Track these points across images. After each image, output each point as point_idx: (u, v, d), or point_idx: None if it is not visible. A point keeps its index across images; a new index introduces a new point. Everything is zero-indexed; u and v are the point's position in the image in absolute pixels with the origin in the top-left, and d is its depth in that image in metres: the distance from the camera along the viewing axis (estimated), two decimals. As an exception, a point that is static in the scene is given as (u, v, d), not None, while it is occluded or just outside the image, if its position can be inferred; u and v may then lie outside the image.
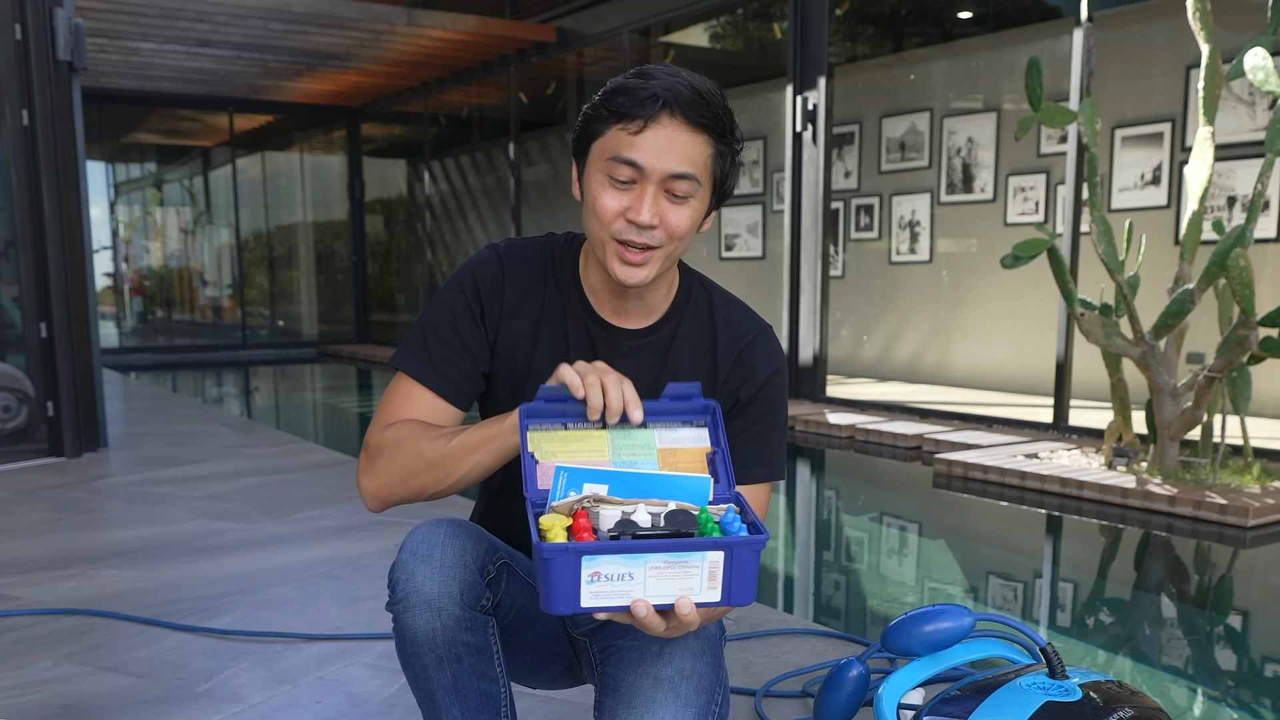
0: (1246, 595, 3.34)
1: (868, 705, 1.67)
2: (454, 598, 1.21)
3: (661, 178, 1.20)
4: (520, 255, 1.37)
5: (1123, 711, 1.13)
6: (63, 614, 2.57)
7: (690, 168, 1.21)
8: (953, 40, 7.87)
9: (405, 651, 1.24)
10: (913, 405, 6.44)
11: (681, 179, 1.20)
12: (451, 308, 1.34)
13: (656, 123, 1.19)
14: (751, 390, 1.34)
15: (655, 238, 1.23)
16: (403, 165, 13.46)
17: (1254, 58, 3.80)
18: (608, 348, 1.35)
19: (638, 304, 1.34)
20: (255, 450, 5.03)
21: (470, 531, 1.28)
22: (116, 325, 12.69)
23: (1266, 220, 5.72)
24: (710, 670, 1.28)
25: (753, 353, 1.35)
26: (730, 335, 1.36)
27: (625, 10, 8.44)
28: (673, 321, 1.36)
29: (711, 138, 1.22)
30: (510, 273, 1.36)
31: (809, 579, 3.41)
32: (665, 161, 1.19)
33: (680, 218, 1.23)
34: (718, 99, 1.22)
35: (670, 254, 1.26)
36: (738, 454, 1.31)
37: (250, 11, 8.33)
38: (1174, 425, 4.23)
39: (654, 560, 1.03)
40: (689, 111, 1.19)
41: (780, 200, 8.19)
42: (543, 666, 1.46)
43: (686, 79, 1.20)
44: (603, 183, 1.23)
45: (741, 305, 1.41)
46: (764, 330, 1.38)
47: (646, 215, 1.20)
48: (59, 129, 4.50)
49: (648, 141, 1.19)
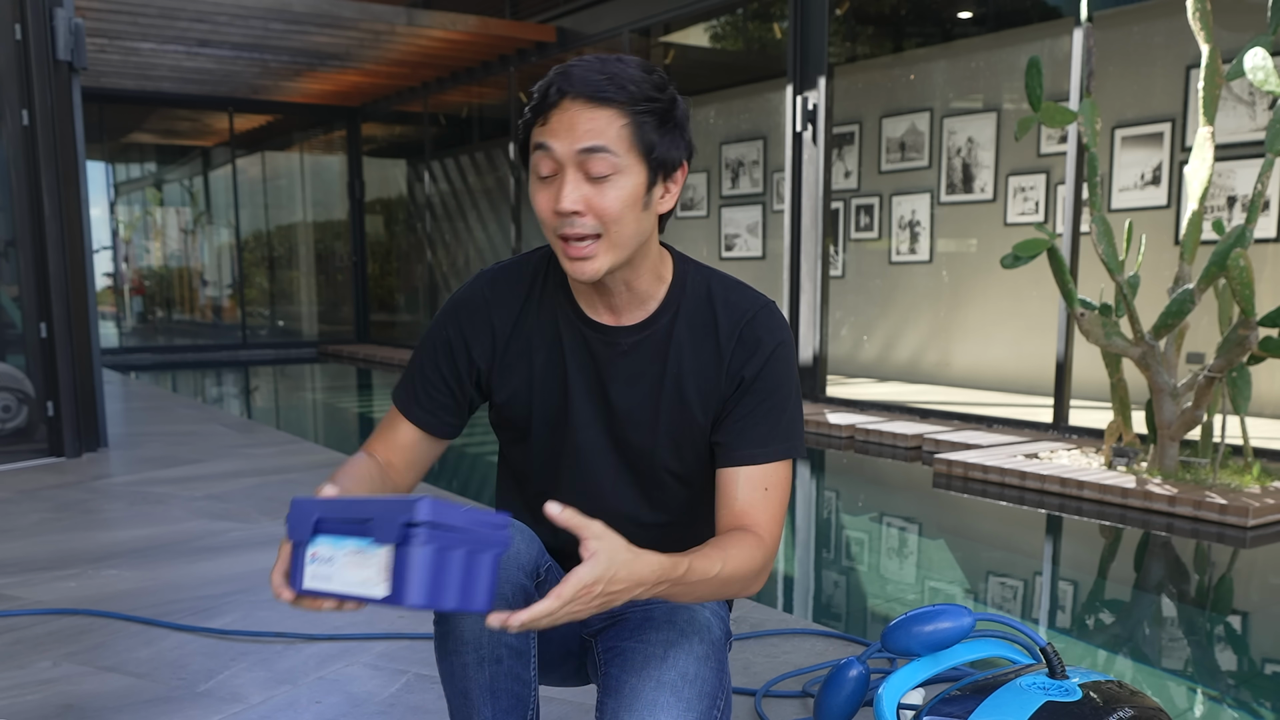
0: (1246, 595, 3.34)
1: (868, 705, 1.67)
2: (505, 600, 1.20)
3: (573, 159, 1.17)
4: (506, 278, 1.37)
5: (1123, 711, 1.13)
6: (63, 614, 2.57)
7: (599, 139, 1.16)
8: (953, 40, 7.87)
9: (446, 648, 1.25)
10: (913, 405, 6.44)
11: (592, 152, 1.16)
12: (434, 346, 1.37)
13: (559, 108, 1.17)
14: (756, 366, 1.30)
15: (587, 225, 1.19)
16: (403, 165, 13.46)
17: (1254, 58, 3.80)
18: (605, 349, 1.33)
19: (628, 298, 1.31)
20: (255, 450, 5.03)
21: (524, 534, 1.27)
22: (116, 325, 12.69)
23: (1266, 220, 5.72)
24: (714, 675, 1.27)
25: (754, 329, 1.31)
26: (730, 315, 1.32)
27: (625, 10, 8.44)
28: (670, 311, 1.33)
29: (619, 109, 1.17)
30: (496, 300, 1.35)
31: (809, 579, 3.41)
32: (570, 141, 1.17)
33: (607, 198, 1.18)
34: (630, 72, 1.18)
35: (617, 241, 1.21)
36: (748, 433, 1.29)
37: (250, 11, 8.33)
38: (1174, 425, 4.22)
39: (349, 545, 1.00)
40: (586, 89, 1.16)
41: (780, 200, 8.19)
42: (556, 665, 1.46)
43: (593, 62, 1.19)
44: (535, 183, 1.22)
45: (741, 285, 1.37)
46: (765, 306, 1.34)
47: (566, 202, 1.17)
48: (59, 129, 4.50)
49: (554, 128, 1.18)
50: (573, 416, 1.35)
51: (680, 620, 1.31)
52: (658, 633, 1.30)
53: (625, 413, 1.33)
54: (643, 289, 1.31)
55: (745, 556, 1.22)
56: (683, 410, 1.32)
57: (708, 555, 1.18)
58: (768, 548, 1.27)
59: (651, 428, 1.33)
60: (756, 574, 1.25)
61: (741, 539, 1.24)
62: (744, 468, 1.29)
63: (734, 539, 1.24)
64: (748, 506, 1.28)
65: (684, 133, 1.25)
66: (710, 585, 1.18)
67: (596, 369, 1.33)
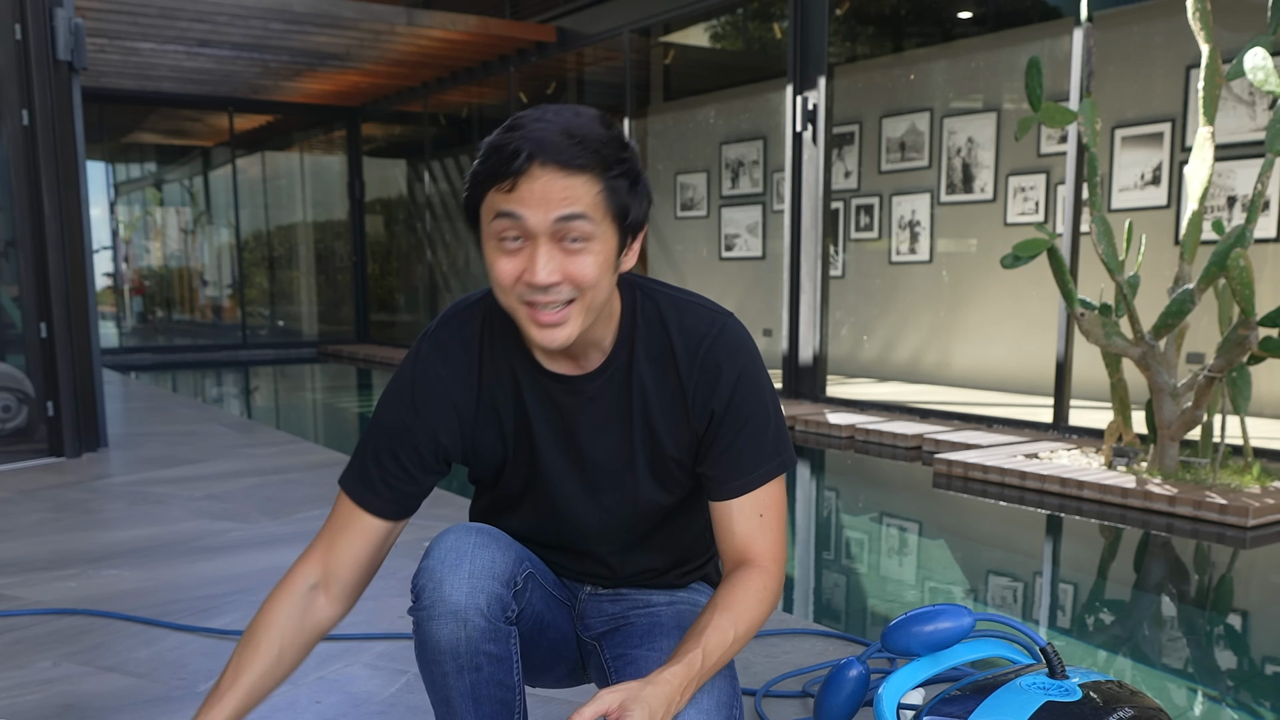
0: (1246, 595, 3.34)
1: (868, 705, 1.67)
2: (480, 610, 1.20)
3: (548, 230, 1.11)
4: (454, 343, 1.30)
5: (1123, 711, 1.13)
6: (63, 614, 2.57)
7: (576, 208, 1.11)
8: (953, 40, 7.87)
9: (425, 657, 1.24)
10: (913, 405, 6.44)
11: (569, 221, 1.11)
12: (392, 434, 1.30)
13: (527, 176, 1.10)
14: (724, 397, 1.26)
15: (563, 292, 1.14)
16: (403, 165, 13.46)
17: (1254, 58, 3.80)
18: (570, 398, 1.29)
19: (583, 345, 1.25)
20: (255, 450, 5.03)
21: (500, 541, 1.26)
22: (116, 325, 12.69)
23: (1266, 220, 5.72)
24: (727, 683, 1.27)
25: (714, 356, 1.26)
26: (686, 342, 1.27)
27: (625, 10, 8.44)
28: (625, 347, 1.27)
29: (594, 174, 1.12)
30: (451, 374, 1.29)
31: (809, 579, 3.41)
32: (546, 213, 1.11)
33: (584, 266, 1.13)
34: (594, 131, 1.12)
35: (589, 304, 1.17)
36: (734, 464, 1.27)
37: (250, 11, 8.33)
38: (1174, 425, 4.22)
39: None
40: (559, 157, 1.10)
41: (780, 200, 8.19)
42: (549, 668, 1.46)
43: (554, 120, 1.11)
44: (495, 248, 1.15)
45: (692, 304, 1.30)
46: (722, 326, 1.27)
47: (543, 274, 1.12)
48: (59, 129, 4.50)
49: (523, 196, 1.10)
50: (545, 470, 1.32)
51: (689, 626, 1.31)
52: (668, 640, 1.30)
53: (599, 464, 1.31)
54: (597, 334, 1.26)
55: (753, 603, 1.23)
56: (656, 448, 1.30)
57: (719, 627, 1.19)
58: (775, 576, 1.27)
59: (631, 471, 1.31)
60: (768, 610, 1.26)
61: (746, 583, 1.24)
62: (737, 499, 1.27)
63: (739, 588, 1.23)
64: (748, 539, 1.27)
65: (646, 190, 1.20)
66: (731, 650, 1.20)
67: (564, 421, 1.30)
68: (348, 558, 1.32)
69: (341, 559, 1.32)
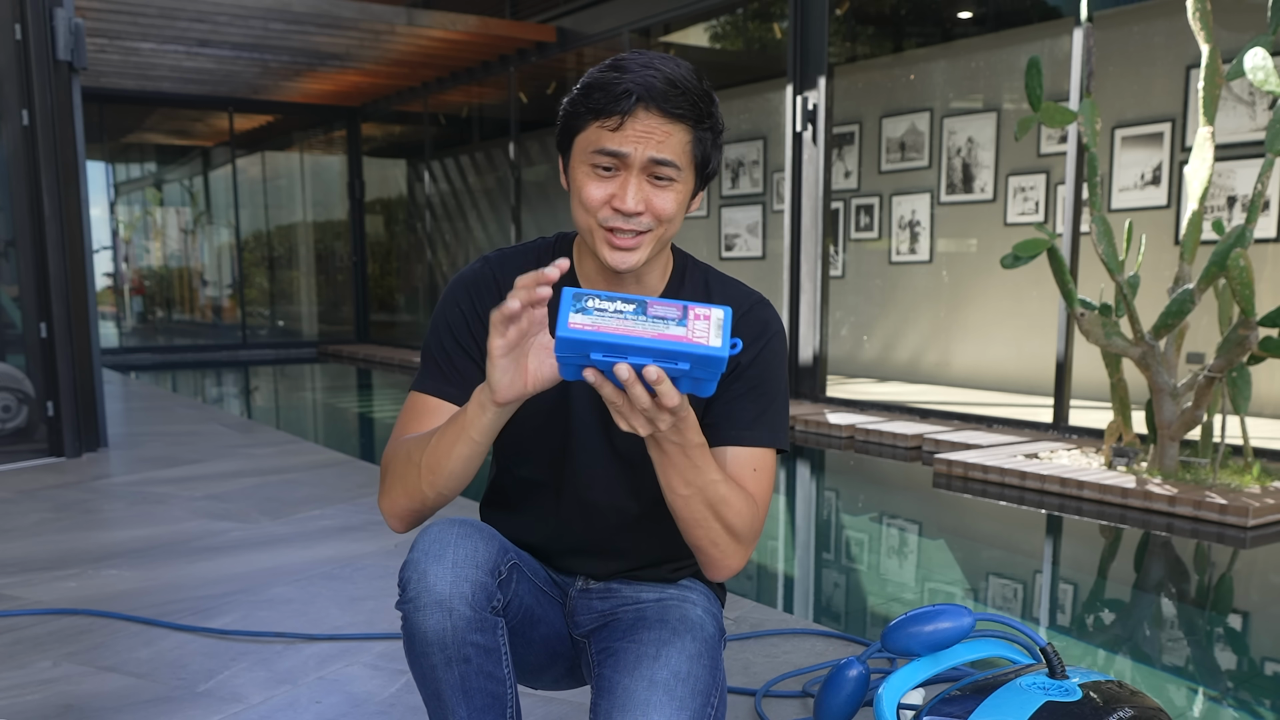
0: (1246, 595, 3.34)
1: (868, 705, 1.67)
2: (465, 598, 1.21)
3: (642, 165, 1.23)
4: (511, 262, 1.39)
5: (1123, 711, 1.13)
6: (63, 614, 2.57)
7: (669, 154, 1.23)
8: (953, 40, 7.87)
9: (414, 650, 1.24)
10: (913, 405, 6.44)
11: (662, 164, 1.23)
12: (448, 324, 1.37)
13: (633, 117, 1.21)
14: (750, 355, 1.34)
15: (643, 223, 1.25)
16: (403, 165, 13.46)
17: (1254, 58, 3.80)
18: None
19: (635, 289, 1.35)
20: (255, 450, 5.03)
21: (482, 532, 1.27)
22: (116, 325, 12.69)
23: (1266, 220, 5.72)
24: (707, 673, 1.27)
25: (749, 319, 1.36)
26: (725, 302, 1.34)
27: (625, 10, 8.44)
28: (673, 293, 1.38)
29: (689, 125, 1.23)
30: (504, 281, 1.35)
31: (809, 579, 3.41)
32: (644, 151, 1.22)
33: (666, 201, 1.25)
34: (693, 84, 1.23)
35: (661, 236, 1.28)
36: (736, 415, 1.32)
37: (250, 11, 8.33)
38: (1174, 425, 4.23)
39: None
40: (663, 104, 1.21)
41: (780, 200, 8.19)
42: (546, 667, 1.46)
43: (661, 68, 1.22)
44: (587, 173, 1.25)
45: (737, 282, 1.42)
46: (760, 301, 1.40)
47: (631, 202, 1.23)
48: (59, 129, 4.50)
49: (626, 134, 1.21)
50: (572, 401, 1.36)
51: (672, 619, 1.32)
52: (650, 632, 1.30)
53: None
54: (651, 281, 1.36)
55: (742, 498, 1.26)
56: None
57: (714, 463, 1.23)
58: (759, 511, 1.30)
59: None
60: (746, 527, 1.27)
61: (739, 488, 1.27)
62: (731, 447, 1.31)
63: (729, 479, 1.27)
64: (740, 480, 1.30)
65: (721, 139, 1.31)
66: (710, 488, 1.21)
67: None
68: None
69: None
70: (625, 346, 1.01)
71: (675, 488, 1.21)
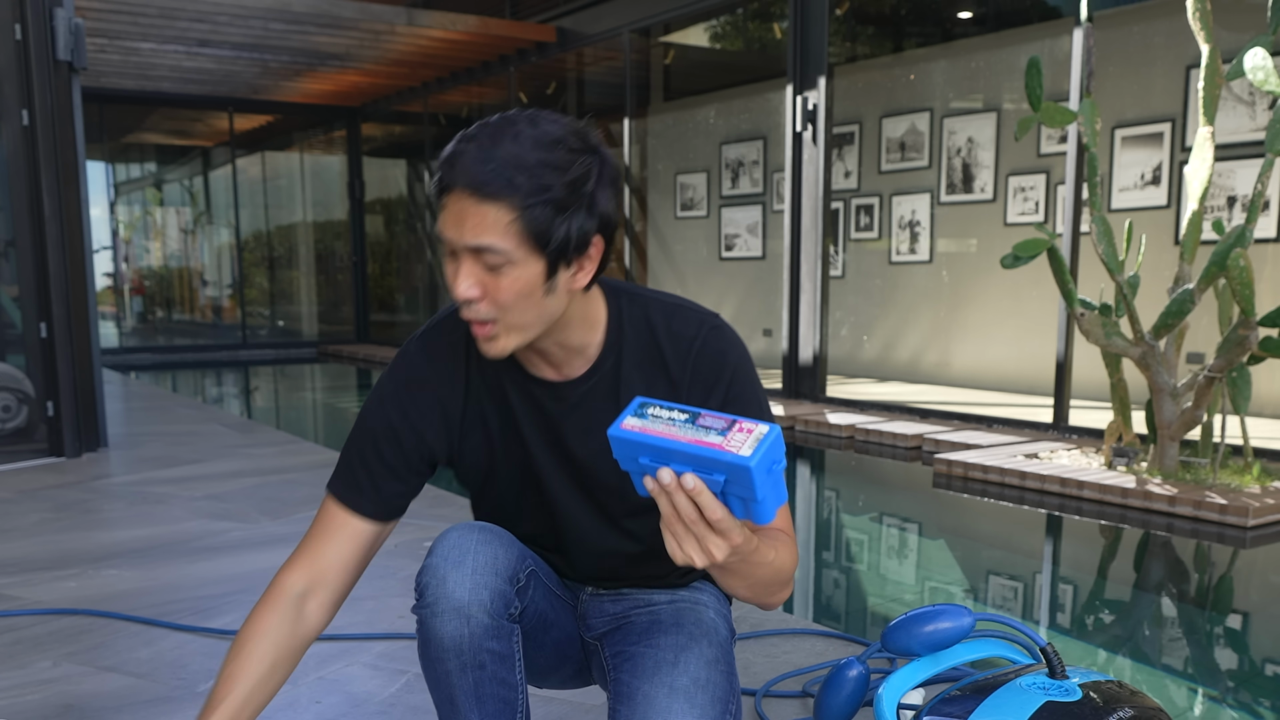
0: (1246, 595, 3.34)
1: (868, 705, 1.67)
2: (484, 606, 1.20)
3: (465, 250, 1.12)
4: (441, 349, 1.32)
5: (1123, 711, 1.13)
6: (63, 614, 2.57)
7: (487, 239, 1.10)
8: (953, 40, 7.87)
9: (428, 655, 1.24)
10: (913, 405, 6.44)
11: (479, 250, 1.11)
12: (379, 434, 1.31)
13: (451, 197, 1.12)
14: (720, 396, 1.25)
15: (481, 311, 1.14)
16: (403, 165, 13.46)
17: (1254, 58, 3.80)
18: (556, 404, 1.29)
19: (564, 354, 1.26)
20: (255, 450, 5.03)
21: (502, 538, 1.27)
22: (116, 325, 12.69)
23: (1266, 220, 5.72)
24: (724, 679, 1.27)
25: (705, 357, 1.26)
26: (676, 346, 1.26)
27: (625, 10, 8.44)
28: (612, 354, 1.27)
29: (505, 205, 1.09)
30: (437, 377, 1.31)
31: (809, 579, 3.41)
32: (460, 237, 1.12)
33: (500, 288, 1.12)
34: (524, 155, 1.09)
35: (517, 325, 1.16)
36: None
37: (250, 11, 8.33)
38: (1174, 425, 4.23)
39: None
40: (471, 185, 1.09)
41: (780, 200, 8.19)
42: (555, 669, 1.46)
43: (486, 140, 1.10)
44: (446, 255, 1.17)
45: (681, 308, 1.30)
46: (712, 328, 1.27)
47: (460, 289, 1.13)
48: (59, 129, 4.50)
49: (446, 218, 1.13)
50: (538, 470, 1.32)
51: (688, 623, 1.31)
52: (666, 636, 1.30)
53: (588, 462, 1.30)
54: (577, 342, 1.26)
55: (787, 550, 1.20)
56: None
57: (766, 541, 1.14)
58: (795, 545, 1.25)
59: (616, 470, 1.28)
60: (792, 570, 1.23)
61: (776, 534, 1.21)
62: None
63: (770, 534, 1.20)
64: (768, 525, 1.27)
65: (598, 204, 1.14)
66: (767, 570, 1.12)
67: (551, 425, 1.30)
68: (336, 563, 1.31)
69: (330, 564, 1.30)
70: (666, 450, 1.00)
71: (735, 589, 1.14)
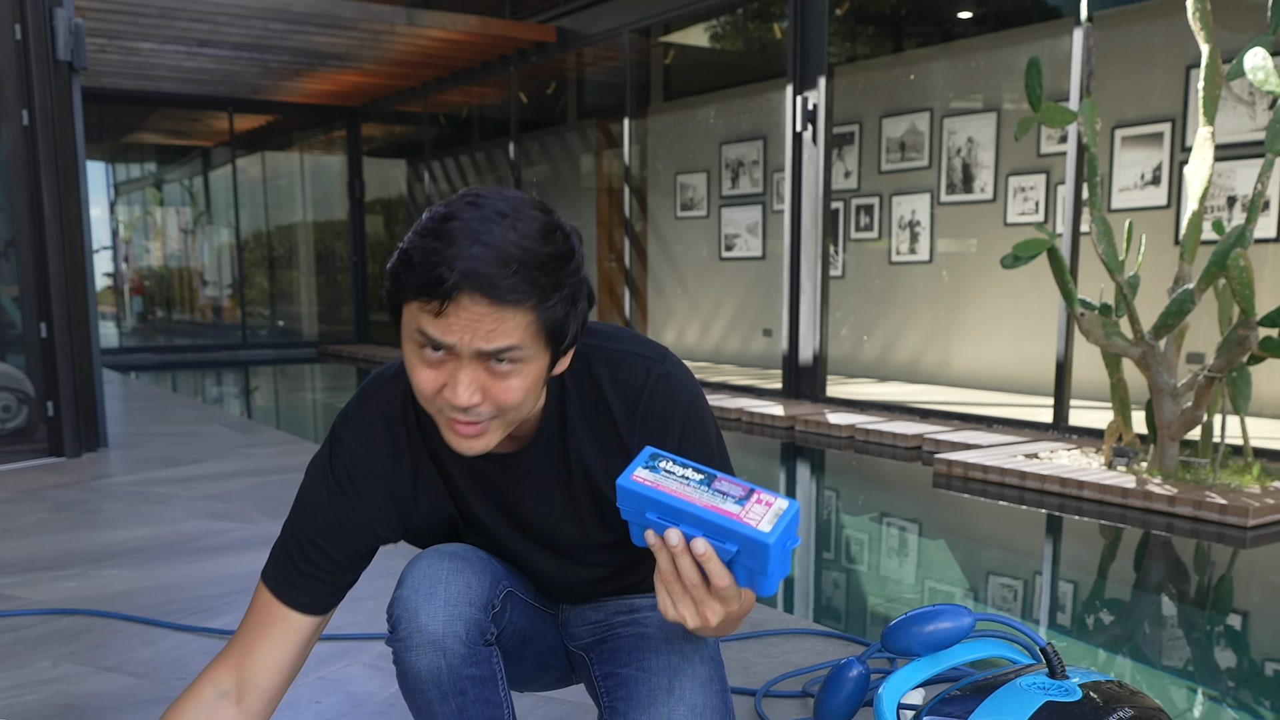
0: (1246, 595, 3.34)
1: (868, 705, 1.67)
2: (459, 637, 1.18)
3: (473, 355, 1.04)
4: (381, 435, 1.24)
5: (1123, 711, 1.13)
6: (63, 614, 2.57)
7: (505, 341, 1.03)
8: (953, 40, 7.87)
9: (408, 687, 1.22)
10: (913, 405, 6.44)
11: (498, 355, 1.04)
12: (320, 528, 1.23)
13: (455, 304, 1.00)
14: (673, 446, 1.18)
15: (482, 413, 1.07)
16: (403, 165, 13.46)
17: (1254, 58, 3.80)
18: (504, 475, 1.24)
19: None
20: (255, 450, 5.03)
21: (474, 564, 1.23)
22: (116, 325, 12.69)
23: (1266, 220, 5.72)
24: (720, 701, 1.26)
25: (654, 410, 1.19)
26: (623, 399, 1.20)
27: (625, 10, 8.44)
28: (556, 412, 1.21)
29: (529, 306, 1.02)
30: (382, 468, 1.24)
31: (809, 579, 3.41)
32: (472, 343, 1.02)
33: (508, 390, 1.06)
34: (535, 252, 1.01)
35: (511, 420, 1.11)
36: None
37: (250, 11, 8.33)
38: (1174, 425, 4.23)
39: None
40: (491, 290, 0.99)
41: (780, 200, 8.20)
42: (538, 677, 1.45)
43: (490, 240, 1.00)
44: (415, 353, 1.07)
45: (624, 355, 1.21)
46: (659, 377, 1.19)
47: (464, 396, 1.04)
48: (59, 129, 4.50)
49: (450, 323, 1.01)
50: (494, 537, 1.30)
51: (677, 638, 1.30)
52: (659, 658, 1.28)
53: (546, 527, 1.28)
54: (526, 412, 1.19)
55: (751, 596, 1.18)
56: (603, 503, 1.24)
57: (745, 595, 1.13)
58: None
59: (576, 524, 1.27)
60: None
61: None
62: None
63: None
64: None
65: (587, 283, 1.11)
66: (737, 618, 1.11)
67: (502, 496, 1.26)
68: (268, 661, 1.23)
69: (260, 662, 1.22)
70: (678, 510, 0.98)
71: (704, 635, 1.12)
